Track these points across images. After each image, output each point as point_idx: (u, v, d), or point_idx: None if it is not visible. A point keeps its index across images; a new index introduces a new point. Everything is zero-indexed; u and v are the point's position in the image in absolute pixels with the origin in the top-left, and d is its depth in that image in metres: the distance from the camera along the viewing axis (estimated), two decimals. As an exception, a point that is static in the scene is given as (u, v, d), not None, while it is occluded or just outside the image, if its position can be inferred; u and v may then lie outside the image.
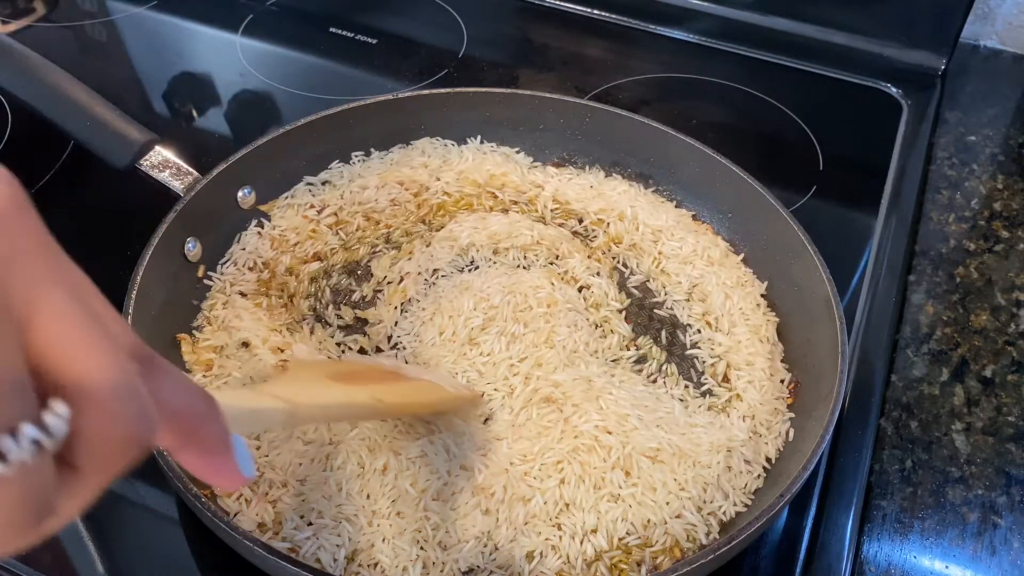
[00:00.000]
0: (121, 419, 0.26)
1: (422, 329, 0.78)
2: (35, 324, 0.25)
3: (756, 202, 0.83)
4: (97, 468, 0.27)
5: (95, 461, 0.26)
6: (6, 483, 0.23)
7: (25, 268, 0.25)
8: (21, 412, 0.24)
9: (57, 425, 0.24)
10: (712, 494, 0.67)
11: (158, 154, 0.79)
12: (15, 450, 0.23)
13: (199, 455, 0.33)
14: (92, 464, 0.26)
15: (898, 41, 1.15)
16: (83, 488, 0.27)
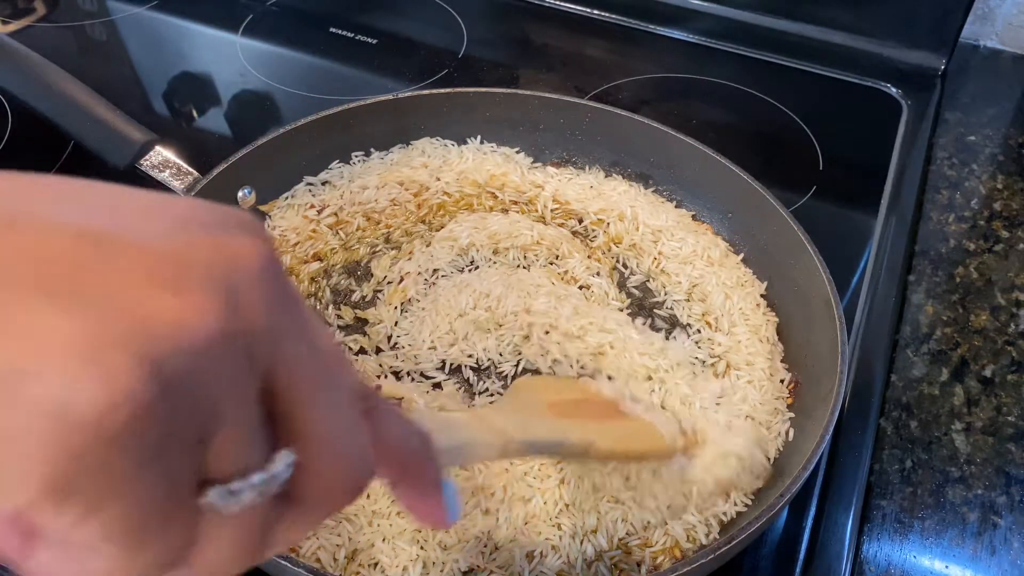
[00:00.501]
0: (343, 466, 0.28)
1: (422, 327, 0.78)
2: (278, 371, 0.26)
3: (756, 202, 0.83)
4: (316, 507, 0.28)
5: (316, 500, 0.28)
6: (233, 521, 0.25)
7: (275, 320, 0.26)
8: (254, 458, 0.25)
9: (283, 472, 0.26)
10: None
11: (158, 154, 0.79)
12: (246, 493, 0.25)
13: (410, 493, 0.34)
14: (312, 502, 0.28)
15: (898, 41, 1.15)
16: (302, 522, 0.28)
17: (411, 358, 0.76)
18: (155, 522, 0.24)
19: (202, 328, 0.23)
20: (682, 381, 0.74)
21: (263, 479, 0.25)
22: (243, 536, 0.26)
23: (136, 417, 0.21)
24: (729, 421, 0.64)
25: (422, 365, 0.76)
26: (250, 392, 0.25)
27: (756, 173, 0.84)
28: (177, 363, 0.22)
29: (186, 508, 0.24)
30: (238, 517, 0.26)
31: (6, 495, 0.21)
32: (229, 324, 0.24)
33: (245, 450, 0.25)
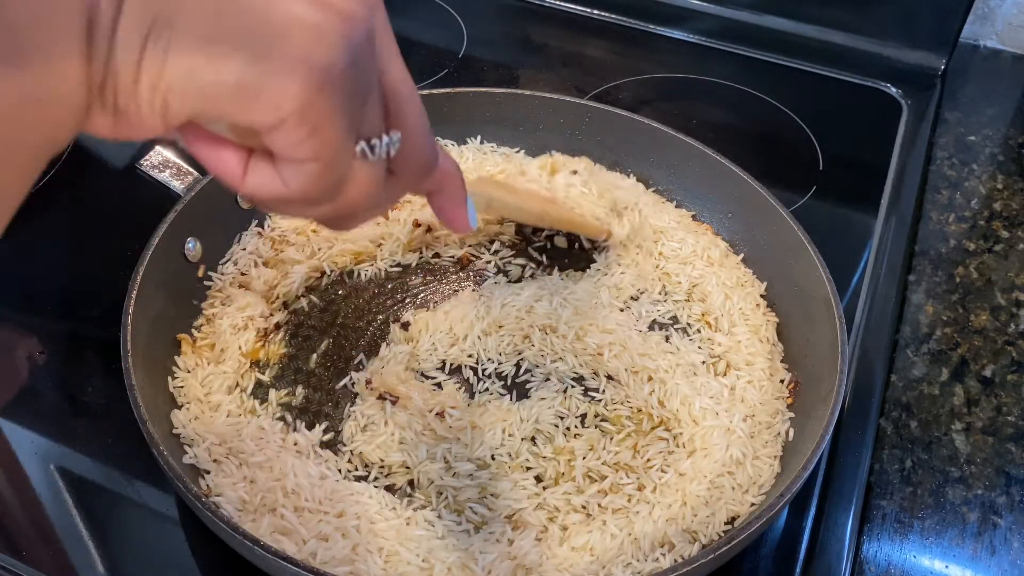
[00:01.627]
0: (426, 150, 0.42)
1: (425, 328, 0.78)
2: (387, 76, 0.39)
3: (756, 202, 0.83)
4: (406, 178, 0.42)
5: (406, 173, 0.41)
6: (371, 168, 0.38)
7: (386, 32, 0.39)
8: (380, 127, 0.38)
9: (396, 142, 0.39)
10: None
11: (158, 154, 0.79)
12: (380, 148, 0.38)
13: (447, 200, 0.48)
14: (404, 174, 0.41)
15: (898, 41, 1.15)
16: (395, 189, 0.42)
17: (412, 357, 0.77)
18: (340, 152, 0.36)
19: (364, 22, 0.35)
20: (683, 381, 0.74)
21: (388, 141, 0.38)
22: (373, 181, 0.38)
23: (345, 71, 0.33)
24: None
25: (423, 365, 0.76)
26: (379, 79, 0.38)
27: (756, 173, 0.84)
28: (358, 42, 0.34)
29: (352, 148, 0.37)
30: (372, 167, 0.38)
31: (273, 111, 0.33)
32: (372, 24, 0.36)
33: (378, 118, 0.38)
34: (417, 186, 0.45)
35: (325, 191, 0.37)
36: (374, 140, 0.38)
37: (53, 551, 0.66)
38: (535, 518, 0.65)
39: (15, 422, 0.73)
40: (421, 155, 0.42)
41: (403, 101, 0.40)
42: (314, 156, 0.35)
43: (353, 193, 0.38)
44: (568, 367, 0.76)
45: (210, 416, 0.70)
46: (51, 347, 0.80)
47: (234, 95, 0.32)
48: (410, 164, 0.41)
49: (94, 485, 0.70)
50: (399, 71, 0.40)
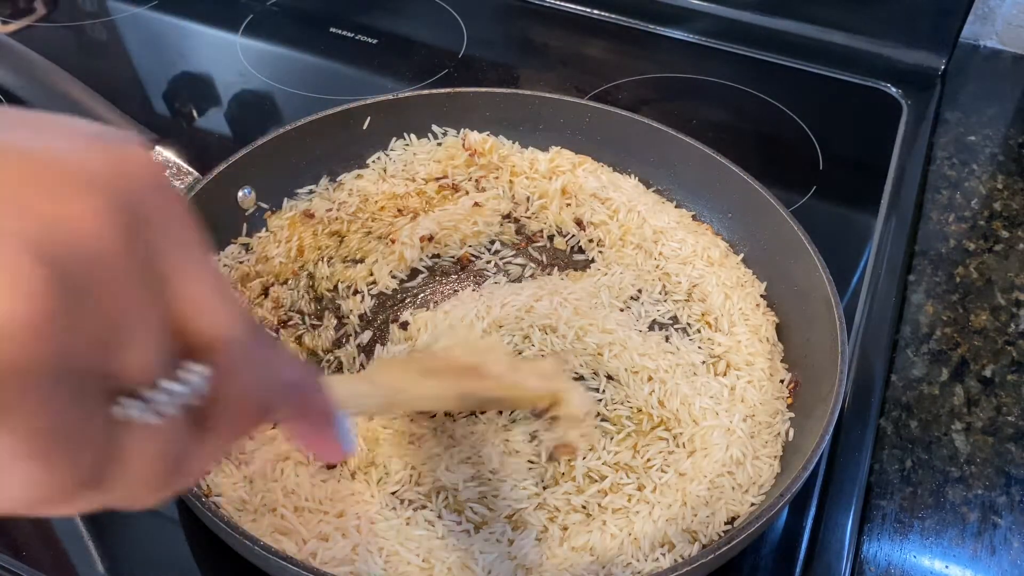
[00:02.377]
0: (254, 382, 0.28)
1: (424, 328, 0.78)
2: (176, 285, 0.26)
3: (756, 202, 0.83)
4: (227, 429, 0.28)
5: (226, 422, 0.28)
6: (153, 434, 0.25)
7: (170, 238, 0.26)
8: (165, 368, 0.25)
9: (199, 382, 0.26)
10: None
11: (158, 154, 0.79)
12: (162, 402, 0.25)
13: (306, 425, 0.35)
14: (223, 425, 0.28)
15: (898, 41, 1.15)
16: (212, 449, 0.28)
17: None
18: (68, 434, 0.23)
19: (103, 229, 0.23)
20: (683, 381, 0.74)
21: (179, 388, 0.26)
22: (160, 454, 0.26)
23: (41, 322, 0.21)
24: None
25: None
26: (156, 298, 0.25)
27: (756, 173, 0.84)
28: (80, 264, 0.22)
29: (99, 418, 0.24)
30: (154, 433, 0.25)
31: None
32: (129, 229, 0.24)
33: (155, 359, 0.25)
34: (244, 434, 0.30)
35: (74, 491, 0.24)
36: (149, 392, 0.25)
37: (53, 551, 0.66)
38: (535, 518, 0.66)
39: (15, 422, 0.73)
40: (244, 399, 0.28)
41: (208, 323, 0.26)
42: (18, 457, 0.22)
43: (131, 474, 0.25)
44: (568, 367, 0.76)
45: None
46: (51, 347, 0.80)
47: None
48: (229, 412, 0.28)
49: (94, 485, 0.70)
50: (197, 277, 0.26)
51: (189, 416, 0.27)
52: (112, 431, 0.24)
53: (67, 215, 0.22)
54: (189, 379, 0.26)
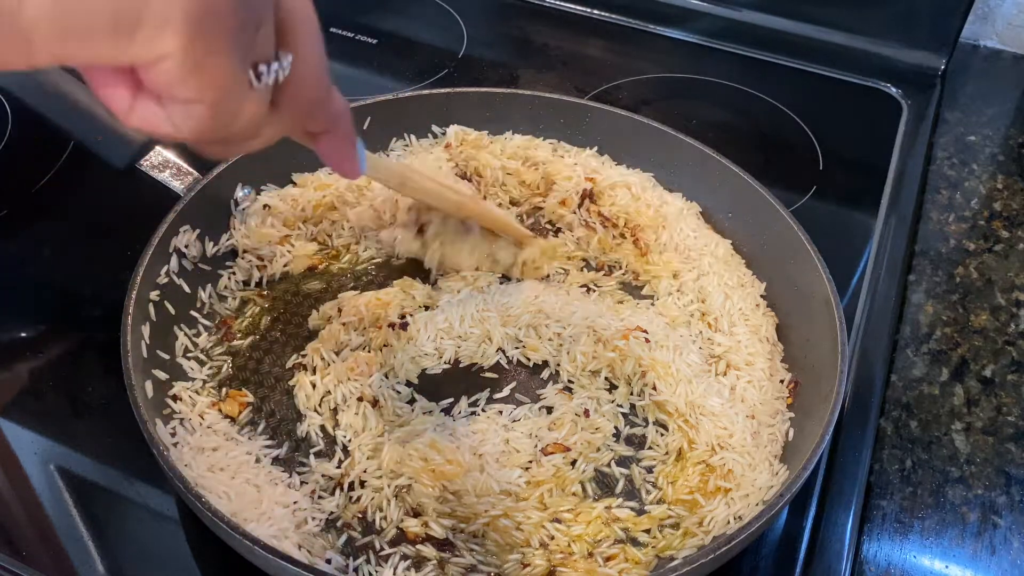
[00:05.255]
0: (316, 84, 0.39)
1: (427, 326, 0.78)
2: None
3: (756, 202, 0.83)
4: (290, 111, 0.39)
5: (291, 105, 0.38)
6: (256, 96, 0.35)
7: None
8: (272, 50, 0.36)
9: (287, 66, 0.36)
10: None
11: (158, 154, 0.79)
12: (270, 73, 0.35)
13: (336, 141, 0.46)
14: (288, 107, 0.38)
15: (898, 41, 1.15)
16: (276, 123, 0.39)
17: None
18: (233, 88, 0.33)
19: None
20: (682, 381, 0.74)
21: (277, 66, 0.36)
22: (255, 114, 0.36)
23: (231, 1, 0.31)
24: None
25: (422, 363, 0.76)
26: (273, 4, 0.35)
27: (756, 173, 0.84)
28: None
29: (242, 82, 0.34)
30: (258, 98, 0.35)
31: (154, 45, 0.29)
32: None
33: (270, 43, 0.36)
34: (305, 120, 0.41)
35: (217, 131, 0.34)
36: (262, 66, 0.35)
37: (53, 551, 0.66)
38: (536, 519, 0.65)
39: (15, 422, 0.73)
40: (312, 85, 0.39)
41: (299, 22, 0.37)
42: (201, 96, 0.32)
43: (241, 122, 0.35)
44: (568, 367, 0.76)
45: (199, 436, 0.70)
46: (51, 347, 0.80)
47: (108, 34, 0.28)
48: (300, 94, 0.38)
49: (94, 485, 0.70)
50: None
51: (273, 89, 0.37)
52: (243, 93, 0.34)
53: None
54: (283, 61, 0.36)
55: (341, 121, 0.45)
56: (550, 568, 0.63)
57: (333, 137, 0.46)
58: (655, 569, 0.62)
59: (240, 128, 0.36)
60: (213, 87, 0.32)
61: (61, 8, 0.28)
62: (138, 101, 0.34)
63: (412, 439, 0.69)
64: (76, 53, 0.29)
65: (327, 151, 0.47)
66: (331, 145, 0.46)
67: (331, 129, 0.45)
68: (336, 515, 0.66)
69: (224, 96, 0.33)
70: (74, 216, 0.92)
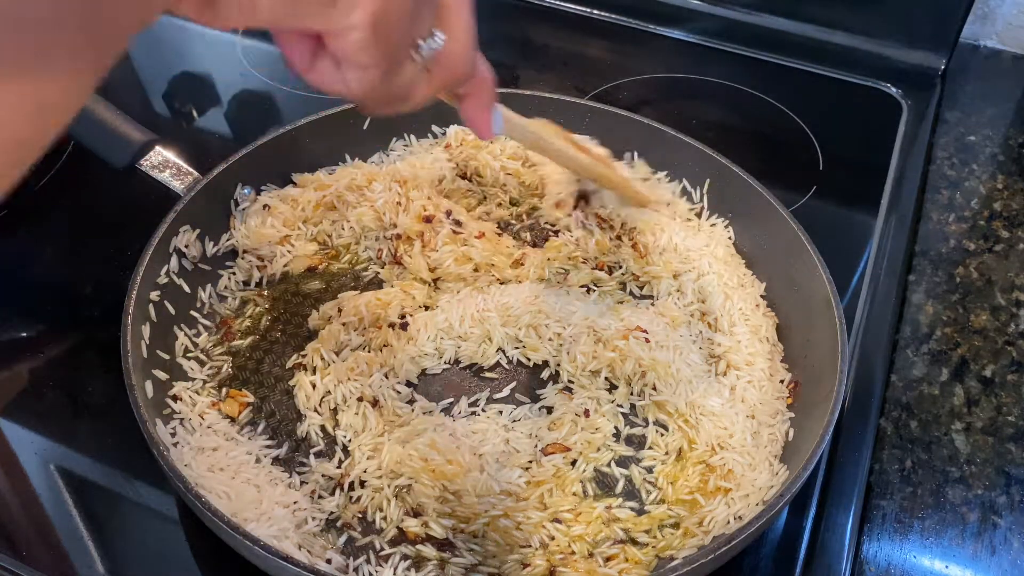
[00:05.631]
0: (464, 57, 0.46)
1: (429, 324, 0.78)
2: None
3: (756, 202, 0.83)
4: (439, 78, 0.46)
5: (441, 73, 0.45)
6: (413, 66, 0.43)
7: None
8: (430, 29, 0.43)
9: (440, 41, 0.43)
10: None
11: (158, 154, 0.79)
12: (429, 47, 0.43)
13: (477, 104, 0.53)
14: (439, 75, 0.45)
15: (898, 41, 1.15)
16: (427, 88, 0.46)
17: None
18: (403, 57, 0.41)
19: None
20: (682, 381, 0.74)
21: (433, 41, 0.43)
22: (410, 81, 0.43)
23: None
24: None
25: (422, 363, 0.76)
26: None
27: (756, 173, 0.84)
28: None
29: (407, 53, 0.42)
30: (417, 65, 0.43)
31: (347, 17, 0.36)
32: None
33: (430, 24, 0.43)
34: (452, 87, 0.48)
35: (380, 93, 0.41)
36: (420, 41, 0.42)
37: (53, 551, 0.66)
38: (536, 519, 0.65)
39: (15, 422, 0.74)
40: (460, 60, 0.45)
41: (454, 5, 0.43)
42: (376, 63, 0.39)
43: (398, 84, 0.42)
44: (568, 367, 0.76)
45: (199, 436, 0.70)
46: (51, 347, 0.80)
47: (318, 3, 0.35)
48: (449, 66, 0.45)
49: (94, 485, 0.70)
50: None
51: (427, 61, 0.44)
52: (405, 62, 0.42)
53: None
54: (436, 37, 0.43)
55: (484, 88, 0.52)
56: (550, 568, 0.63)
57: (475, 101, 0.52)
58: (655, 569, 0.63)
59: (398, 91, 0.43)
60: (386, 57, 0.39)
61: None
62: (318, 60, 0.41)
63: (412, 439, 0.69)
64: (289, 18, 0.36)
65: (467, 112, 0.53)
66: (472, 107, 0.53)
67: (474, 94, 0.52)
68: (336, 515, 0.66)
69: (393, 65, 0.40)
70: (74, 216, 0.92)
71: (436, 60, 0.44)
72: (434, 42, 0.43)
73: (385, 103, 0.44)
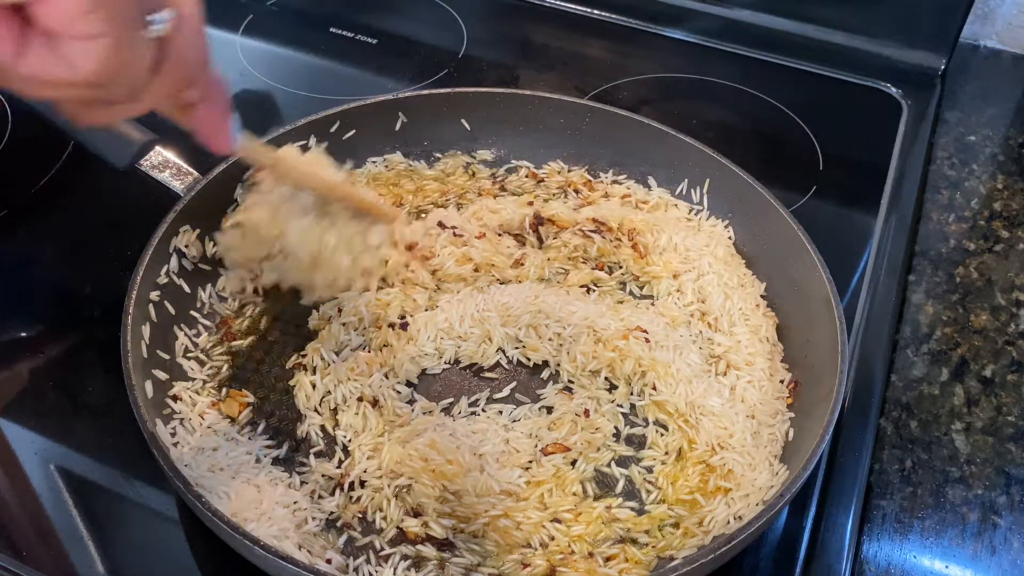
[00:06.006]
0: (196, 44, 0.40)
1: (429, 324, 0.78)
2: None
3: (756, 202, 0.83)
4: (170, 73, 0.39)
5: (172, 68, 0.39)
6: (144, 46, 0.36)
7: None
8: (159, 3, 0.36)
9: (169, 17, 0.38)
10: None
11: (158, 154, 0.79)
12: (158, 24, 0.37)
13: (211, 114, 0.46)
14: (170, 69, 0.39)
15: (898, 41, 1.15)
16: (158, 86, 0.39)
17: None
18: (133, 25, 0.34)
19: None
20: (682, 381, 0.74)
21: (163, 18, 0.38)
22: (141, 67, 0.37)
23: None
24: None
25: (422, 363, 0.76)
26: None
27: (756, 173, 0.84)
28: None
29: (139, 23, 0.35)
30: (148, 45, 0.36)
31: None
32: None
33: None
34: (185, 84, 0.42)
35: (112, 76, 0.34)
36: (151, 15, 0.36)
37: (53, 551, 0.66)
38: (536, 519, 0.65)
39: (15, 422, 0.74)
40: (193, 44, 0.40)
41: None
42: (103, 29, 0.32)
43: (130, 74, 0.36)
44: (568, 367, 0.76)
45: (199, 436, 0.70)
46: (51, 347, 0.80)
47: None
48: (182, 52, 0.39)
49: (94, 485, 0.70)
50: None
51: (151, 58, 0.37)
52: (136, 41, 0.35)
53: None
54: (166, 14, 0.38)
55: (218, 92, 0.46)
56: (550, 568, 0.63)
57: (208, 109, 0.46)
58: (655, 569, 0.62)
59: (129, 80, 0.36)
60: (114, 22, 0.32)
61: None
62: (28, 46, 0.33)
63: (412, 439, 0.69)
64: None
65: (202, 123, 0.47)
66: (206, 117, 0.47)
67: (207, 99, 0.46)
68: (336, 515, 0.66)
69: (123, 34, 0.33)
70: (74, 216, 0.92)
71: (166, 46, 0.38)
72: (165, 20, 0.38)
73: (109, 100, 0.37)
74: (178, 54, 0.39)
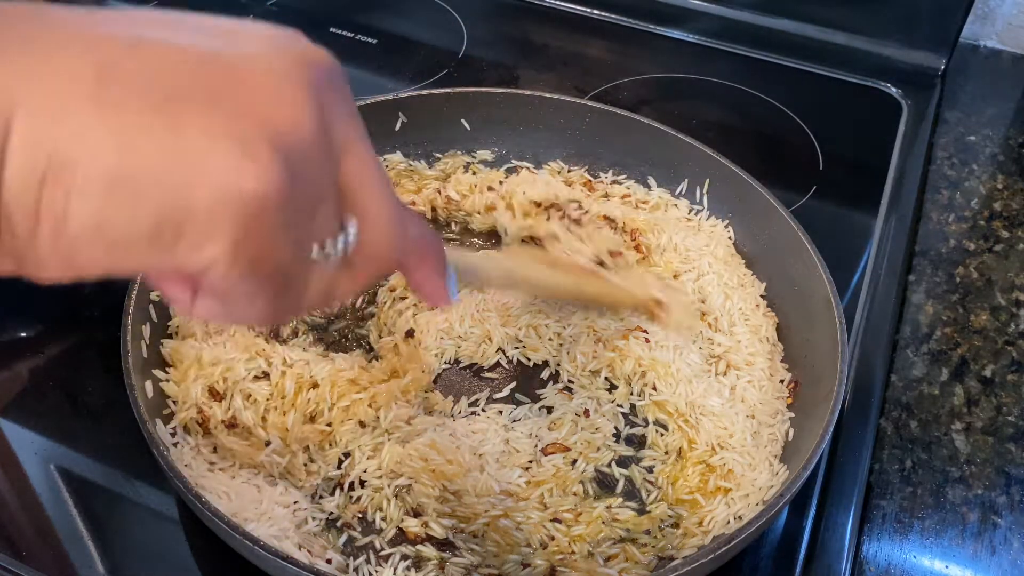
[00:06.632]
0: (389, 241, 0.37)
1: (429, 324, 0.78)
2: (346, 163, 0.34)
3: (756, 202, 0.83)
4: (364, 271, 0.37)
5: (365, 265, 0.37)
6: (322, 271, 0.35)
7: (343, 117, 0.33)
8: (336, 225, 0.34)
9: (353, 237, 0.35)
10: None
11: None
12: (337, 249, 0.34)
13: (425, 274, 0.44)
14: (363, 267, 0.37)
15: (898, 41, 1.15)
16: (351, 283, 0.38)
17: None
18: (292, 273, 0.33)
19: (306, 117, 0.30)
20: (682, 381, 0.74)
21: (343, 239, 0.35)
22: (324, 287, 0.35)
23: (281, 194, 0.29)
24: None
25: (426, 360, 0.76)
26: (335, 174, 0.33)
27: (756, 173, 0.84)
28: (295, 148, 0.29)
29: (306, 263, 0.33)
30: (325, 270, 0.35)
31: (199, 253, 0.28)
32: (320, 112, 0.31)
33: (334, 220, 0.34)
34: (378, 277, 0.40)
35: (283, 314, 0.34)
36: (327, 241, 0.34)
37: (53, 551, 0.66)
38: (536, 519, 0.65)
39: (15, 422, 0.73)
40: (384, 245, 0.37)
41: (364, 186, 0.35)
42: (260, 289, 0.32)
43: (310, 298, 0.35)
44: (568, 367, 0.76)
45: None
46: (51, 347, 0.80)
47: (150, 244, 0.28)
48: (372, 256, 0.37)
49: (94, 485, 0.70)
50: (359, 151, 0.35)
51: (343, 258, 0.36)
52: (307, 271, 0.34)
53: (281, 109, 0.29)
54: (348, 231, 0.35)
55: (429, 255, 0.43)
56: (550, 568, 0.63)
57: (422, 272, 0.43)
58: (655, 569, 0.62)
59: (311, 301, 0.35)
60: (270, 281, 0.31)
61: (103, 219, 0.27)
62: (198, 298, 0.33)
63: (412, 439, 0.69)
64: (120, 264, 0.28)
65: (417, 285, 0.44)
66: (421, 279, 0.44)
67: (418, 266, 0.43)
68: (336, 515, 0.66)
69: (283, 286, 0.32)
70: (74, 216, 0.92)
71: (356, 252, 0.36)
72: (346, 237, 0.35)
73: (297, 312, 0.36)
74: (370, 256, 0.36)
